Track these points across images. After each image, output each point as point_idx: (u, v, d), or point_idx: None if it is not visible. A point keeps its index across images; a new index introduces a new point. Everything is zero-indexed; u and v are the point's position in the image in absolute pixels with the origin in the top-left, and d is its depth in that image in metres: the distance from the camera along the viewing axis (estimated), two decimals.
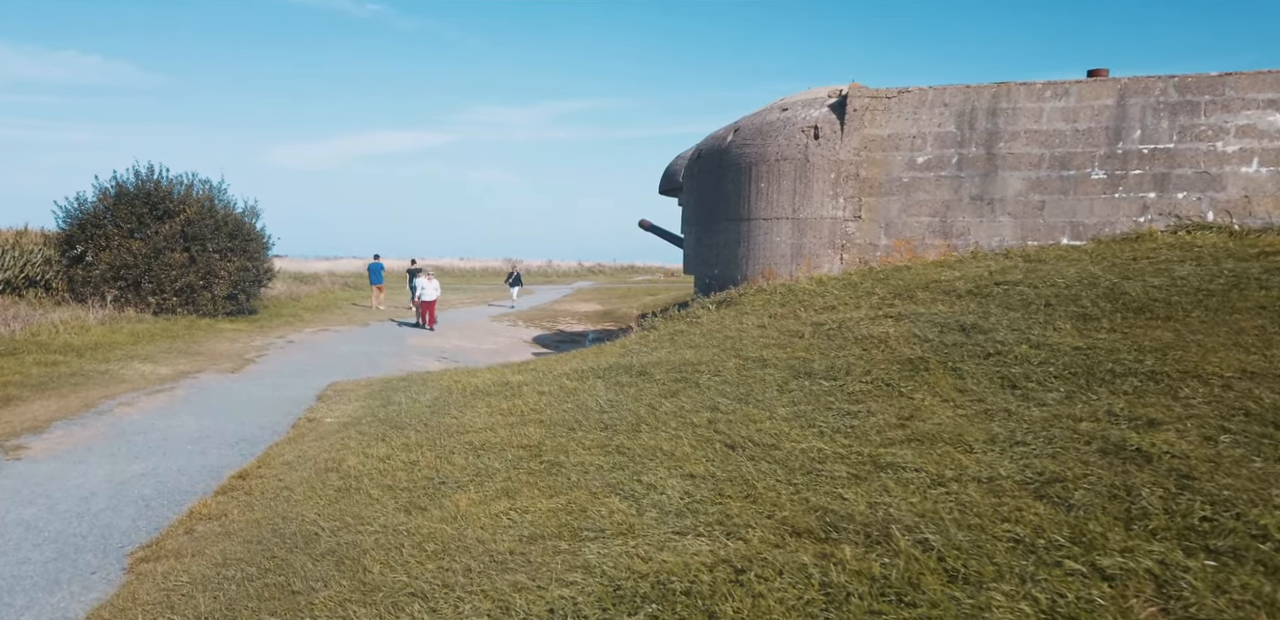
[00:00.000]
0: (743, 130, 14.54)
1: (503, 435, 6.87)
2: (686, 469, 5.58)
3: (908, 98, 12.79)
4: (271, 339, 19.68)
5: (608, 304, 33.20)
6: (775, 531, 4.40)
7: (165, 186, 21.45)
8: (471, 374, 11.01)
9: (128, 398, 11.04)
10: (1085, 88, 11.94)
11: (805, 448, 5.74)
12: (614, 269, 67.78)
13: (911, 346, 7.80)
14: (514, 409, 7.88)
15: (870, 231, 13.06)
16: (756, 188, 13.85)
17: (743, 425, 6.38)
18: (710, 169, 15.15)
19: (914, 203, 12.80)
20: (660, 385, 7.96)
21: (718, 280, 14.83)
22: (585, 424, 6.92)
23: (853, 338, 8.50)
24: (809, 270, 13.38)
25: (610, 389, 8.15)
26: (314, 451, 7.30)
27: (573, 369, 9.72)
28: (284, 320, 23.42)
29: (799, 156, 13.39)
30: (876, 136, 12.95)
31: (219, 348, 17.42)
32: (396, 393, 10.27)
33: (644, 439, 6.30)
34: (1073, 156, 11.99)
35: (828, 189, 13.20)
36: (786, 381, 7.47)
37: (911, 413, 6.26)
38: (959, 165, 12.54)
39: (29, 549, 5.51)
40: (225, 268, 21.30)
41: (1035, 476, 4.86)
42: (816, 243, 13.35)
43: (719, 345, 9.63)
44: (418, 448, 6.79)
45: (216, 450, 8.21)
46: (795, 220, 13.46)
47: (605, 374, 8.99)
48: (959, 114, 12.51)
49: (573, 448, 6.30)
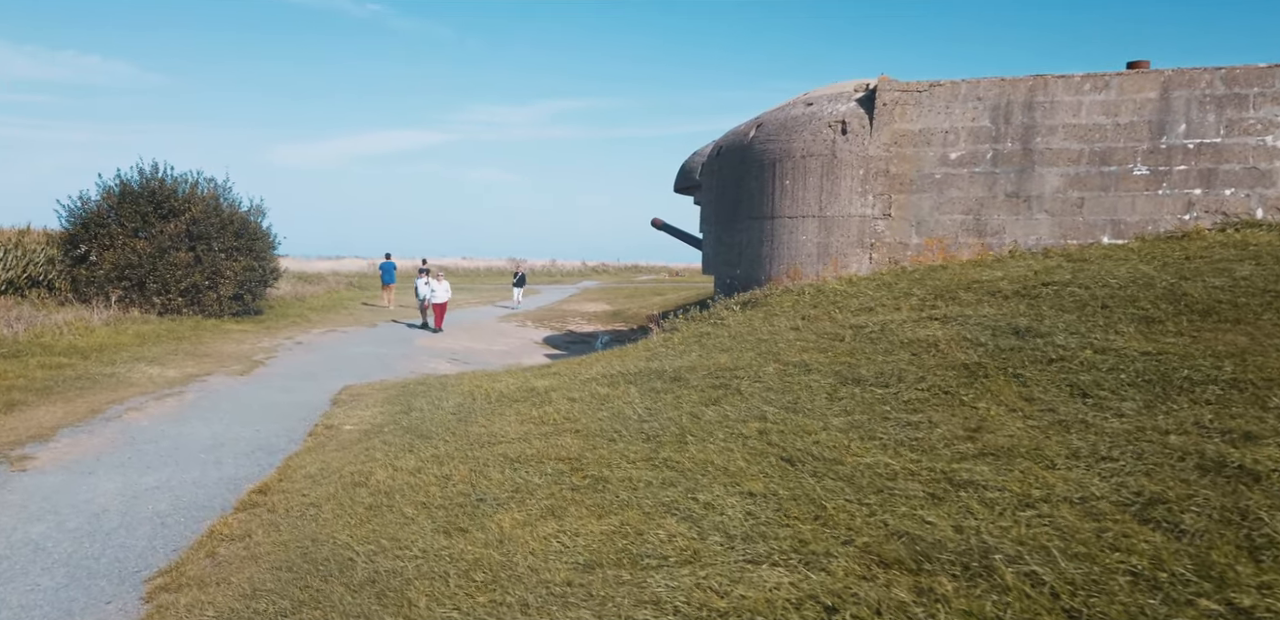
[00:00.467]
0: (766, 126, 14.13)
1: (538, 446, 6.47)
2: (744, 486, 5.17)
3: (939, 91, 12.38)
4: (279, 340, 19.30)
5: (616, 304, 32.81)
6: (860, 561, 3.99)
7: (170, 185, 21.06)
8: (493, 378, 10.60)
9: (136, 403, 10.65)
10: (1126, 80, 11.53)
11: (870, 462, 5.34)
12: (618, 268, 67.36)
13: (965, 351, 7.40)
14: (546, 417, 7.48)
15: (901, 230, 12.65)
16: (781, 185, 13.44)
17: (796, 436, 5.98)
18: (732, 166, 14.74)
19: (946, 200, 12.39)
20: (699, 392, 7.55)
21: (740, 280, 14.43)
22: (625, 434, 6.52)
23: (898, 341, 8.09)
24: (836, 270, 12.97)
25: (646, 396, 7.75)
26: (337, 463, 6.89)
27: (600, 374, 9.31)
28: (290, 321, 23.04)
29: (826, 152, 12.98)
30: (907, 131, 12.54)
31: (226, 349, 17.03)
32: (416, 398, 9.87)
33: (692, 452, 5.90)
34: (1113, 152, 11.58)
35: (856, 186, 12.79)
36: (835, 388, 7.06)
37: (978, 424, 5.85)
38: (993, 161, 12.13)
39: (38, 573, 5.11)
40: (231, 267, 20.91)
41: (1133, 497, 4.45)
42: (844, 242, 12.94)
43: (753, 349, 9.23)
44: (449, 460, 6.38)
45: (232, 460, 7.81)
46: (822, 218, 13.05)
47: (637, 379, 8.58)
48: (993, 108, 12.09)
49: (616, 461, 5.90)
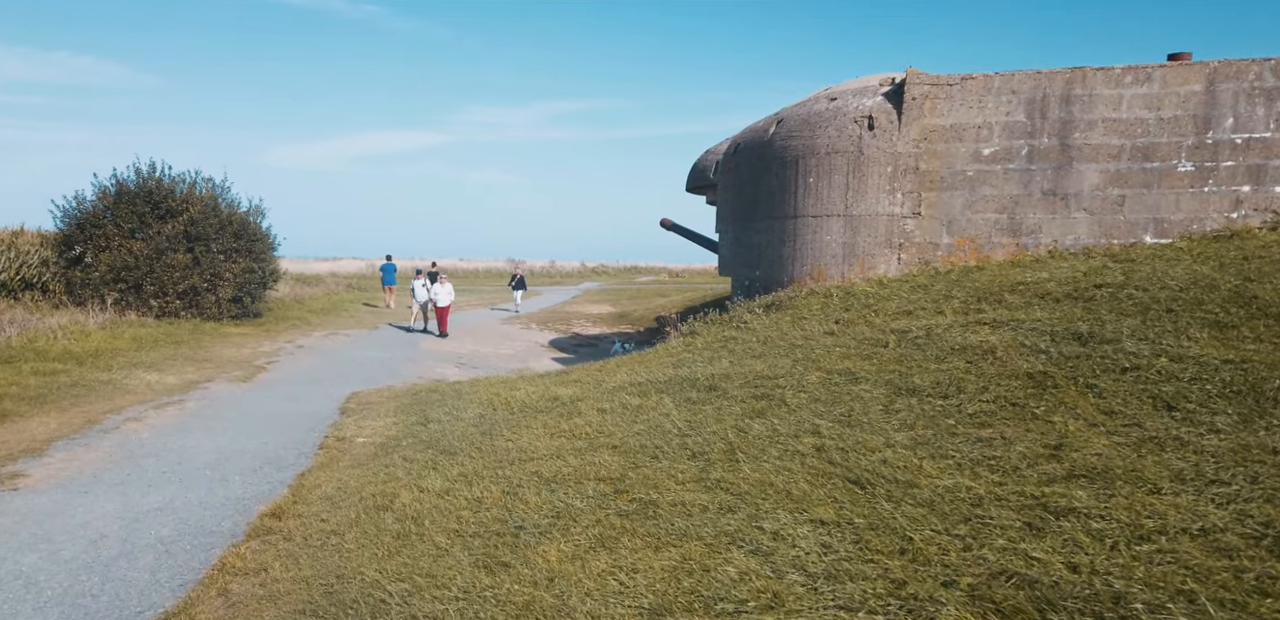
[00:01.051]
0: (787, 121, 13.63)
1: (574, 464, 5.96)
2: (813, 512, 4.67)
3: (971, 85, 11.89)
4: (280, 344, 18.76)
5: (620, 306, 32.29)
6: (973, 609, 3.49)
7: (167, 185, 20.50)
8: (511, 386, 10.09)
9: (134, 412, 10.12)
10: (1170, 72, 11.04)
11: (949, 485, 4.84)
12: (617, 269, 66.79)
13: (1026, 358, 6.90)
14: (576, 430, 6.97)
15: (931, 229, 12.16)
16: (804, 182, 12.94)
17: (858, 454, 5.48)
18: (750, 163, 14.24)
19: (979, 198, 11.90)
20: (740, 403, 7.04)
21: (760, 282, 13.93)
22: (668, 451, 6.01)
23: (949, 348, 7.59)
24: (863, 271, 12.47)
25: (682, 407, 7.24)
26: (355, 482, 6.37)
27: (627, 382, 8.80)
28: (290, 324, 22.49)
29: (852, 149, 12.48)
30: (937, 127, 12.05)
31: (226, 354, 16.49)
32: (432, 408, 9.35)
33: (746, 471, 5.39)
34: (1156, 147, 11.10)
35: (884, 183, 12.29)
36: (889, 400, 6.56)
37: (1058, 440, 5.36)
38: (1029, 157, 11.64)
39: (29, 613, 4.58)
40: (230, 269, 20.37)
41: (1260, 528, 3.96)
42: (871, 241, 12.44)
43: (787, 355, 8.73)
44: (478, 479, 5.87)
45: (239, 477, 7.28)
46: (848, 217, 12.55)
47: (668, 388, 8.07)
48: (1029, 102, 11.60)
49: (663, 482, 5.39)
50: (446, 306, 21.36)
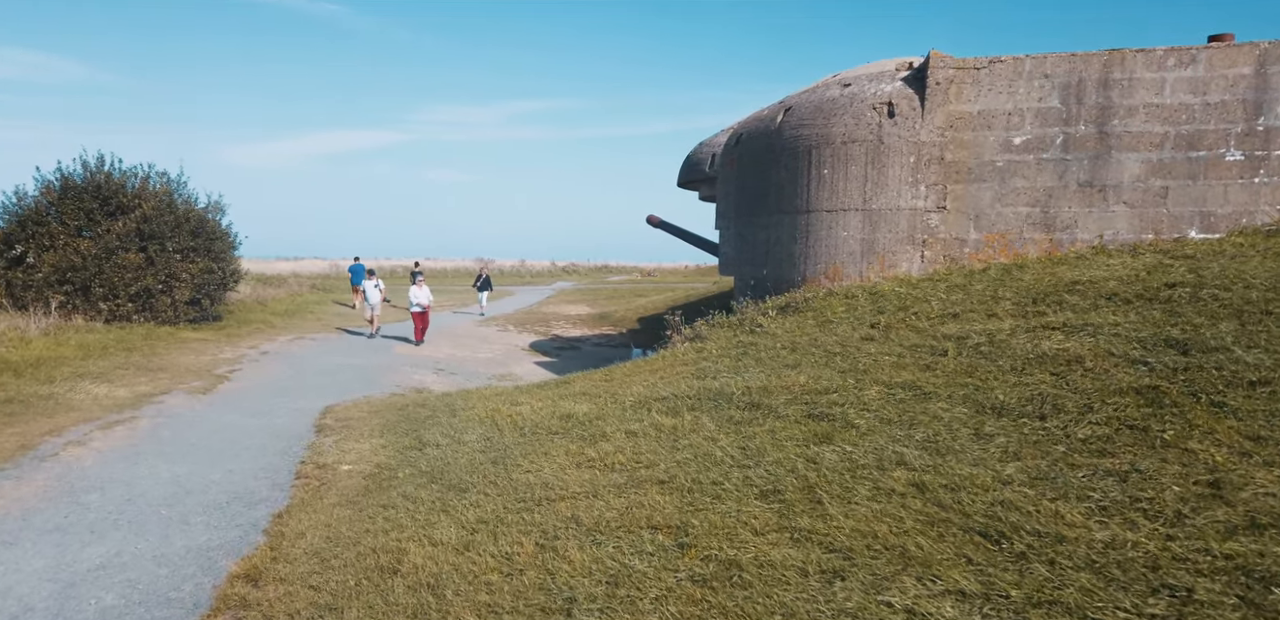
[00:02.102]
0: (796, 109, 12.66)
1: (617, 506, 4.91)
2: (948, 579, 3.67)
3: (1001, 68, 11.00)
4: (243, 349, 17.44)
5: (598, 306, 31.20)
6: None
7: (118, 179, 19.03)
8: (511, 400, 8.99)
9: (78, 433, 8.87)
10: (1216, 54, 10.24)
11: (1106, 539, 3.87)
12: (588, 268, 65.59)
13: (1124, 370, 5.97)
14: (607, 459, 5.91)
15: (957, 224, 11.26)
16: (818, 175, 11.98)
17: (970, 494, 4.49)
18: (755, 155, 13.26)
19: (1010, 190, 11.02)
20: (796, 425, 6.04)
21: (768, 281, 12.95)
22: (730, 488, 4.98)
23: (1023, 357, 6.65)
24: (883, 269, 11.55)
25: (726, 429, 6.22)
26: (348, 530, 5.25)
27: (649, 396, 7.76)
28: (253, 327, 21.10)
29: (870, 138, 11.55)
30: (964, 113, 11.15)
31: (184, 361, 15.17)
32: (425, 427, 8.22)
33: (838, 517, 4.38)
34: (1202, 135, 10.29)
35: (906, 175, 11.37)
36: (976, 421, 5.59)
37: (1212, 476, 4.42)
38: (1064, 146, 10.78)
39: None
40: (187, 269, 18.96)
41: None
42: (892, 238, 11.51)
43: (826, 364, 7.75)
44: (503, 527, 4.79)
45: (202, 518, 6.12)
46: (866, 212, 11.61)
47: (701, 405, 7.05)
48: (1063, 86, 10.74)
49: (737, 532, 4.36)
50: (425, 312, 19.63)
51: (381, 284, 20.46)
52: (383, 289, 20.41)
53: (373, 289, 20.18)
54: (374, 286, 20.18)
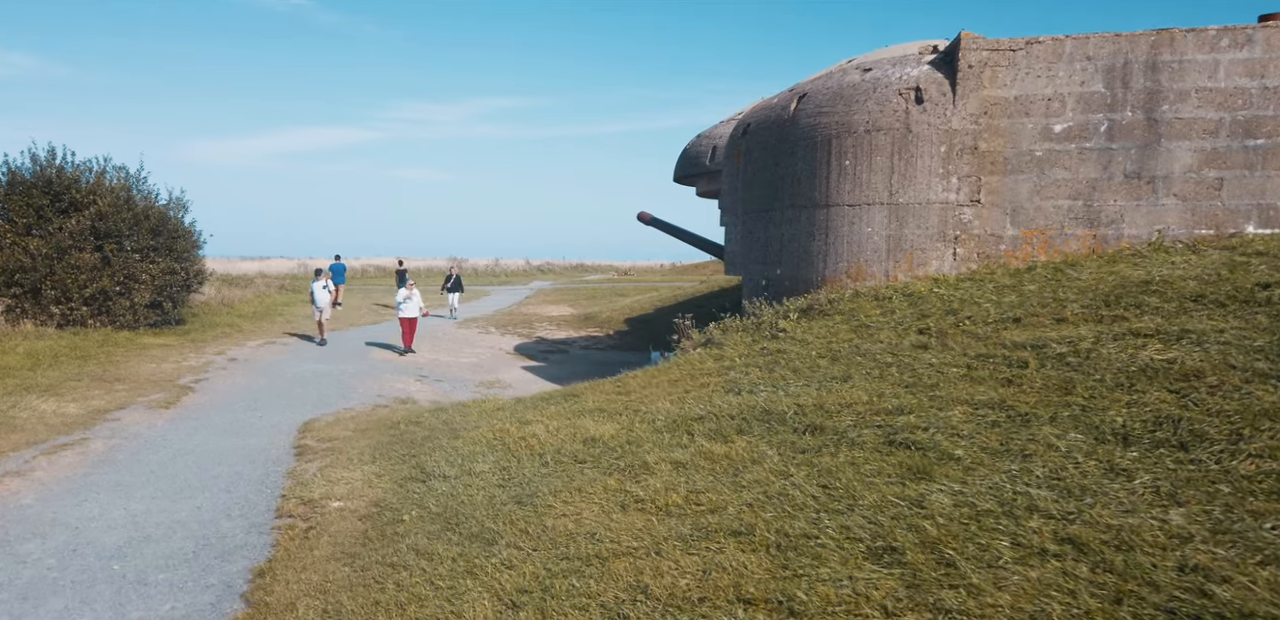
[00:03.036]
0: (813, 96, 11.74)
1: (691, 569, 3.93)
2: None
3: (1039, 50, 10.16)
4: (208, 356, 16.23)
5: (579, 306, 30.15)
6: None
7: (71, 173, 17.72)
8: (519, 418, 7.96)
9: (18, 461, 7.73)
10: (1275, 34, 9.46)
11: None
12: (563, 267, 64.36)
13: (1260, 387, 5.09)
14: (659, 499, 4.93)
15: (992, 219, 10.40)
16: (838, 166, 11.08)
17: (1147, 555, 3.56)
18: (767, 146, 12.32)
19: (1049, 182, 10.18)
20: (878, 455, 5.09)
21: (784, 281, 12.03)
22: (829, 544, 4.02)
23: (1124, 370, 5.76)
24: (911, 268, 10.67)
25: (793, 459, 5.26)
26: (350, 600, 4.20)
27: (683, 414, 6.79)
28: (219, 331, 19.83)
29: (897, 126, 10.66)
30: (999, 99, 10.29)
31: (144, 370, 13.97)
32: (424, 451, 7.18)
33: (987, 590, 3.44)
34: (1261, 121, 9.51)
35: (936, 166, 10.50)
36: (1103, 452, 4.68)
37: None
38: (1109, 134, 9.96)
39: None
40: (147, 270, 17.69)
41: None
42: (921, 234, 10.64)
43: (881, 376, 6.83)
44: (552, 601, 3.79)
45: (165, 576, 5.04)
46: (892, 206, 10.73)
47: (750, 427, 6.09)
48: (1107, 70, 9.91)
49: (864, 611, 3.40)
50: (414, 319, 17.79)
51: (331, 285, 18.65)
52: (332, 291, 18.72)
53: (321, 291, 18.26)
54: (322, 288, 18.29)
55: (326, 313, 18.52)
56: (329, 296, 18.37)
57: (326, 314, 18.54)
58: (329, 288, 18.38)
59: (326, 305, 18.38)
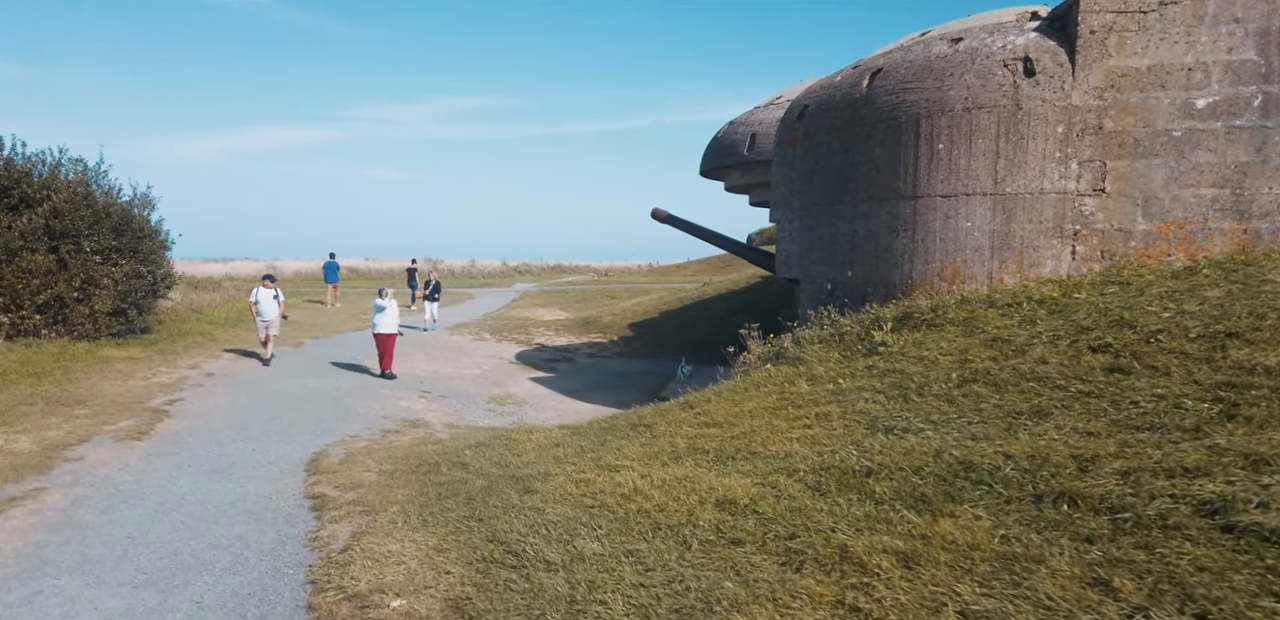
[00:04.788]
0: (892, 72, 10.19)
1: None
2: None
3: (1175, 12, 8.68)
4: (181, 370, 14.34)
5: (574, 310, 28.40)
6: None
7: (21, 166, 15.68)
8: (596, 459, 6.28)
9: None
10: None
11: None
12: (540, 268, 62.39)
13: None
14: None
15: (1120, 211, 8.91)
16: (929, 151, 9.54)
17: None
18: (833, 129, 10.75)
19: (1189, 168, 8.72)
20: (1228, 555, 3.51)
21: (855, 284, 10.47)
22: None
23: None
24: (1021, 269, 9.15)
25: (1076, 556, 3.65)
26: None
27: (833, 465, 5.16)
28: (191, 341, 17.85)
29: (1004, 103, 9.13)
30: (1128, 70, 8.80)
31: (108, 390, 12.08)
32: (493, 513, 5.44)
33: None
34: None
35: (1052, 149, 8.99)
36: None
37: None
38: (1263, 110, 8.51)
39: None
40: (109, 274, 15.70)
41: None
42: (1033, 229, 9.12)
43: (1089, 413, 5.28)
44: None
45: None
46: (998, 197, 9.21)
47: (961, 490, 4.48)
48: (1260, 34, 8.47)
49: None
50: (393, 335, 14.83)
51: (281, 295, 15.75)
52: (282, 302, 15.71)
53: (270, 301, 15.37)
54: (272, 297, 15.40)
55: (275, 326, 15.62)
56: (278, 309, 15.56)
57: (274, 328, 15.61)
58: (279, 298, 15.62)
59: (275, 319, 15.51)
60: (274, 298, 15.44)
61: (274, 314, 15.43)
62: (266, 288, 15.48)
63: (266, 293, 15.42)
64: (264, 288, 15.48)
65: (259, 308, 15.31)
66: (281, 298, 15.68)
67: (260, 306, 15.31)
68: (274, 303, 15.44)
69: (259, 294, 15.39)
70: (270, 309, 15.36)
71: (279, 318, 15.62)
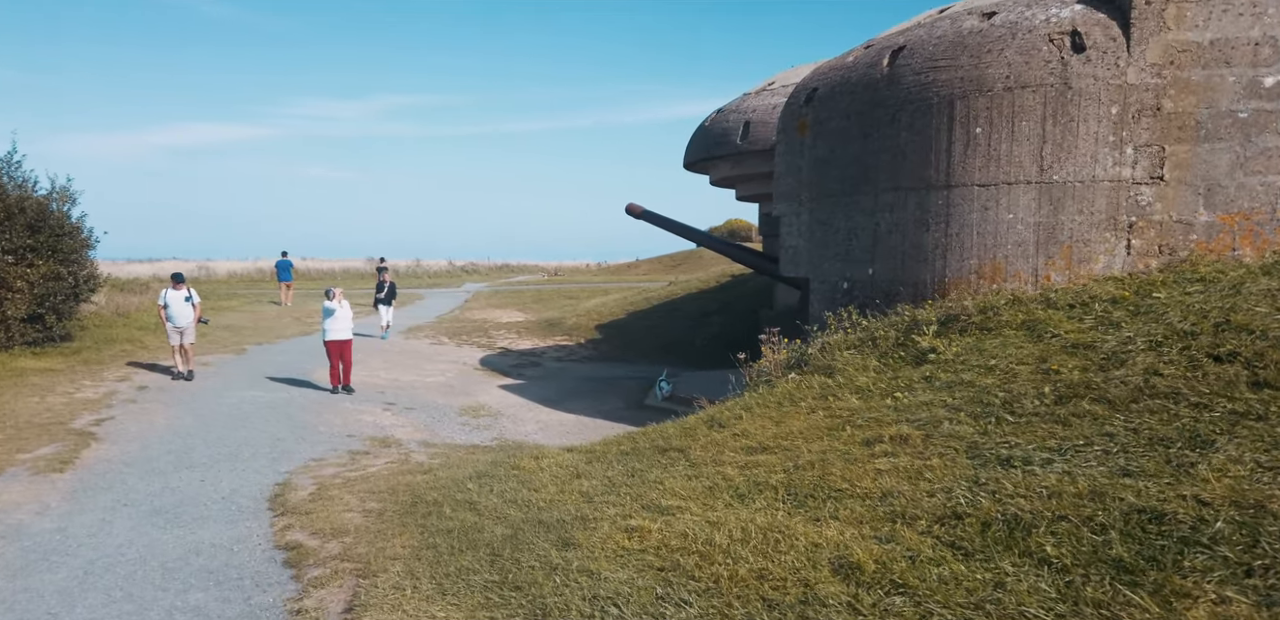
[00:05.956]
0: (917, 49, 9.25)
1: None
2: None
3: None
4: (109, 383, 12.81)
5: (532, 311, 27.10)
6: None
7: None
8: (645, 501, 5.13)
9: None
10: None
11: None
12: (488, 268, 60.61)
13: None
14: None
15: (1179, 201, 8.09)
16: (964, 135, 8.61)
17: None
18: (850, 114, 9.77)
19: (1257, 153, 7.93)
20: None
21: (877, 284, 9.51)
22: None
23: None
24: (1070, 266, 8.28)
25: None
26: None
27: (973, 513, 4.13)
28: (119, 349, 16.18)
29: (1051, 81, 8.24)
30: (1189, 45, 7.98)
31: (23, 409, 10.56)
32: (534, 578, 4.21)
33: None
34: None
35: (1105, 132, 8.13)
36: None
37: None
38: None
39: None
40: (24, 275, 14.03)
41: None
42: (1083, 221, 8.25)
43: (1273, 446, 4.32)
44: None
45: None
46: (1044, 185, 8.32)
47: (1164, 556, 3.48)
48: None
49: None
50: (348, 340, 13.11)
51: (196, 297, 13.61)
52: (198, 305, 13.60)
53: (181, 304, 13.28)
54: (183, 300, 13.32)
55: (189, 335, 13.43)
56: (193, 313, 13.46)
57: (189, 336, 13.44)
58: (194, 300, 13.47)
59: (190, 325, 13.37)
60: (186, 300, 13.36)
61: (188, 319, 13.32)
62: (176, 289, 13.39)
63: (177, 295, 13.33)
64: (173, 289, 13.39)
65: (169, 312, 13.20)
66: (196, 300, 13.58)
67: (170, 311, 13.20)
68: (187, 306, 13.36)
69: (168, 296, 13.30)
70: (183, 313, 13.26)
71: (195, 323, 13.53)
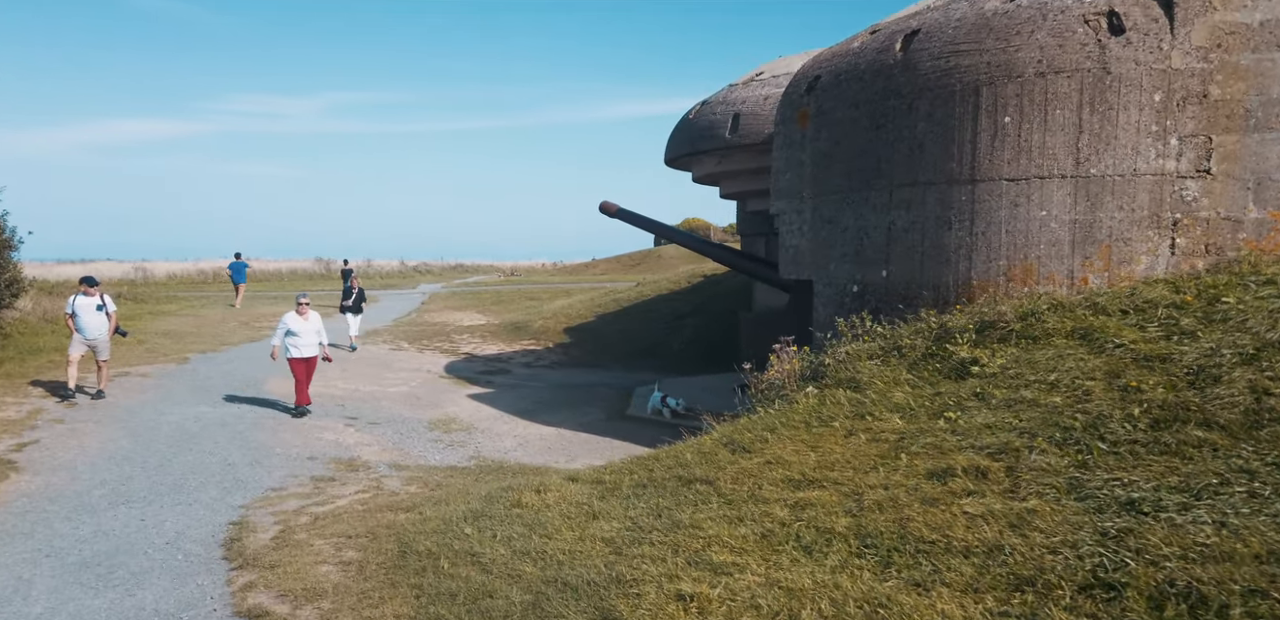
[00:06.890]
0: (935, 32, 8.52)
1: None
2: None
3: None
4: (33, 401, 11.57)
5: (493, 314, 26.01)
6: None
7: None
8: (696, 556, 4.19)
9: None
10: None
11: None
12: (441, 268, 59.04)
13: None
14: None
15: (1227, 196, 7.46)
16: (993, 124, 7.90)
17: None
18: (859, 103, 9.01)
19: None
20: None
21: (891, 287, 8.76)
22: None
23: None
24: (1109, 267, 7.61)
25: None
26: None
27: (1144, 583, 3.35)
28: (46, 359, 14.78)
29: (1087, 65, 7.56)
30: (1238, 26, 7.35)
31: None
32: None
33: None
34: None
35: (1148, 121, 7.47)
36: None
37: None
38: None
39: None
40: None
41: None
42: (1124, 219, 7.59)
43: None
44: None
45: None
46: (1080, 179, 7.63)
47: None
48: None
49: None
50: (313, 359, 11.52)
51: (111, 305, 11.87)
52: (113, 314, 11.83)
53: (92, 313, 11.50)
54: (94, 308, 11.53)
55: (104, 349, 11.67)
56: (109, 323, 11.74)
57: (104, 352, 11.68)
58: (108, 309, 11.72)
59: (104, 337, 11.66)
60: (98, 309, 11.56)
61: (101, 331, 11.59)
62: (87, 294, 11.49)
63: (88, 302, 11.48)
64: (84, 295, 11.49)
65: (78, 322, 11.42)
66: (112, 308, 11.80)
67: (80, 321, 11.42)
68: (99, 315, 11.56)
69: (76, 304, 11.43)
70: (94, 324, 11.51)
71: (109, 335, 11.77)
